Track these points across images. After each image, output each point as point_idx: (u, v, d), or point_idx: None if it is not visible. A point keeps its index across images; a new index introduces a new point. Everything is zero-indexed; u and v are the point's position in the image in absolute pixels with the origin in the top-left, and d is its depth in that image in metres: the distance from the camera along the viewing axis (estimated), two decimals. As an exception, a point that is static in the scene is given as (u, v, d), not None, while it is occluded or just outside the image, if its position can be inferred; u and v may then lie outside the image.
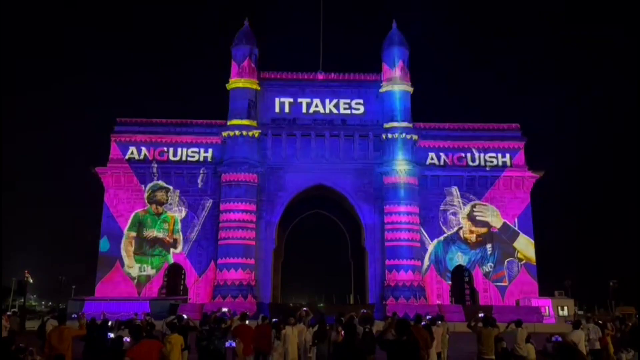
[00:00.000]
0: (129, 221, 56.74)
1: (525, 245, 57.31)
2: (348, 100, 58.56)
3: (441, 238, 57.59)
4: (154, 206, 57.11)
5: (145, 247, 56.26)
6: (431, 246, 56.84)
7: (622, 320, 24.04)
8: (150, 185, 57.40)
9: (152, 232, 56.64)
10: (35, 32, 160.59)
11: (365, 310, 23.33)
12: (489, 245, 57.28)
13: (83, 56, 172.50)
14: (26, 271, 56.77)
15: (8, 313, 33.97)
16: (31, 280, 55.46)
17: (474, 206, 57.96)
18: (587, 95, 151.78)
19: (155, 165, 57.29)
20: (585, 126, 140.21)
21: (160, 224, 57.05)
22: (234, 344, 15.18)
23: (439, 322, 19.84)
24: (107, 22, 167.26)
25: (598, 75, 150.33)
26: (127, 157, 57.86)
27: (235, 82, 57.69)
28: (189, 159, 57.62)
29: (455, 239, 57.78)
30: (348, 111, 58.27)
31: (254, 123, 56.76)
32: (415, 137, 56.90)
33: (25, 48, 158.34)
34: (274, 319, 19.43)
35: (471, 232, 57.82)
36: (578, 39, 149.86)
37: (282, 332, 17.57)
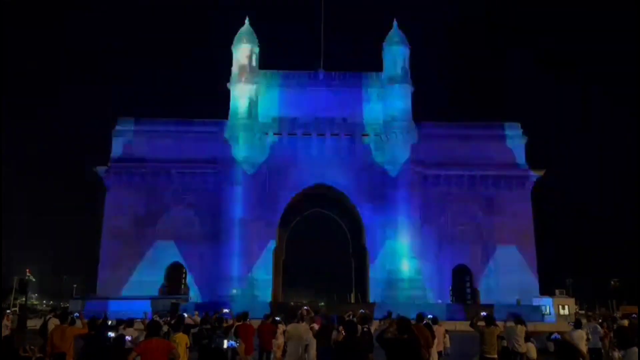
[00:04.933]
0: (131, 220, 56.79)
1: (526, 244, 57.26)
2: (349, 99, 58.47)
3: (442, 237, 57.58)
4: (155, 205, 57.13)
5: (146, 245, 56.29)
6: (432, 245, 56.80)
7: (614, 320, 23.90)
8: (151, 184, 57.41)
9: (153, 231, 56.66)
10: (35, 31, 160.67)
11: (363, 310, 23.36)
12: (490, 244, 57.26)
13: (84, 55, 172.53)
14: (27, 270, 56.70)
15: (8, 311, 34.03)
16: (33, 279, 55.46)
17: (474, 205, 57.95)
18: (589, 93, 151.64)
19: (157, 164, 57.31)
20: (587, 125, 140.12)
21: (161, 222, 57.10)
22: (234, 344, 15.16)
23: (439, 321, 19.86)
24: (107, 22, 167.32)
25: (599, 74, 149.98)
26: (128, 156, 57.90)
27: (236, 81, 57.66)
28: (190, 157, 57.61)
29: (456, 238, 57.74)
30: (349, 110, 58.17)
31: (255, 122, 56.74)
32: (415, 135, 56.87)
33: (26, 48, 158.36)
34: (276, 317, 19.46)
35: (472, 231, 57.80)
36: (580, 37, 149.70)
37: (282, 329, 17.63)
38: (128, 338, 14.88)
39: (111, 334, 14.42)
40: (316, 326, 15.57)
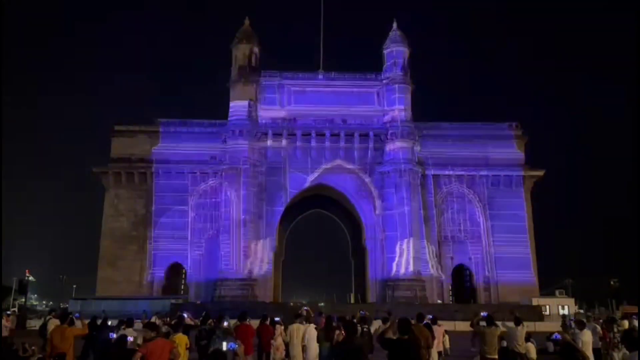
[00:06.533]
0: (130, 220, 56.79)
1: (526, 244, 57.27)
2: (348, 99, 58.42)
3: (442, 237, 57.57)
4: (155, 205, 57.12)
5: (146, 246, 56.28)
6: (432, 245, 56.79)
7: (613, 320, 23.84)
8: (150, 184, 57.40)
9: (152, 231, 56.63)
10: (36, 32, 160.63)
11: (363, 311, 23.33)
12: (490, 244, 57.25)
13: (84, 56, 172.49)
14: (27, 270, 56.66)
15: (7, 312, 34.04)
16: (33, 279, 55.43)
17: (474, 205, 57.96)
18: (589, 93, 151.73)
19: (156, 165, 57.30)
20: (586, 125, 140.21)
21: (161, 222, 57.07)
22: (234, 345, 15.14)
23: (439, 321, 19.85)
24: (107, 22, 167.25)
25: (599, 74, 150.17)
26: (127, 156, 57.88)
27: (236, 81, 57.62)
28: (189, 158, 57.57)
29: (455, 238, 57.73)
30: (348, 110, 58.11)
31: (255, 122, 56.70)
32: (415, 135, 56.87)
33: (27, 49, 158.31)
34: (275, 318, 19.44)
35: (472, 231, 57.80)
36: (578, 36, 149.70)
37: (280, 330, 17.62)
38: (130, 338, 14.87)
39: (113, 335, 14.41)
40: (317, 327, 15.58)
